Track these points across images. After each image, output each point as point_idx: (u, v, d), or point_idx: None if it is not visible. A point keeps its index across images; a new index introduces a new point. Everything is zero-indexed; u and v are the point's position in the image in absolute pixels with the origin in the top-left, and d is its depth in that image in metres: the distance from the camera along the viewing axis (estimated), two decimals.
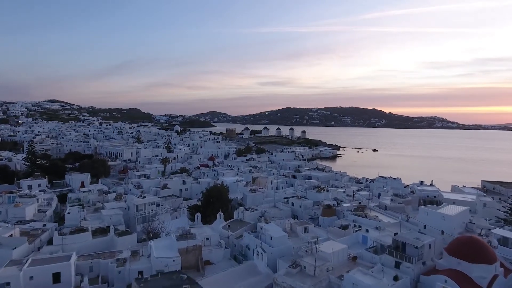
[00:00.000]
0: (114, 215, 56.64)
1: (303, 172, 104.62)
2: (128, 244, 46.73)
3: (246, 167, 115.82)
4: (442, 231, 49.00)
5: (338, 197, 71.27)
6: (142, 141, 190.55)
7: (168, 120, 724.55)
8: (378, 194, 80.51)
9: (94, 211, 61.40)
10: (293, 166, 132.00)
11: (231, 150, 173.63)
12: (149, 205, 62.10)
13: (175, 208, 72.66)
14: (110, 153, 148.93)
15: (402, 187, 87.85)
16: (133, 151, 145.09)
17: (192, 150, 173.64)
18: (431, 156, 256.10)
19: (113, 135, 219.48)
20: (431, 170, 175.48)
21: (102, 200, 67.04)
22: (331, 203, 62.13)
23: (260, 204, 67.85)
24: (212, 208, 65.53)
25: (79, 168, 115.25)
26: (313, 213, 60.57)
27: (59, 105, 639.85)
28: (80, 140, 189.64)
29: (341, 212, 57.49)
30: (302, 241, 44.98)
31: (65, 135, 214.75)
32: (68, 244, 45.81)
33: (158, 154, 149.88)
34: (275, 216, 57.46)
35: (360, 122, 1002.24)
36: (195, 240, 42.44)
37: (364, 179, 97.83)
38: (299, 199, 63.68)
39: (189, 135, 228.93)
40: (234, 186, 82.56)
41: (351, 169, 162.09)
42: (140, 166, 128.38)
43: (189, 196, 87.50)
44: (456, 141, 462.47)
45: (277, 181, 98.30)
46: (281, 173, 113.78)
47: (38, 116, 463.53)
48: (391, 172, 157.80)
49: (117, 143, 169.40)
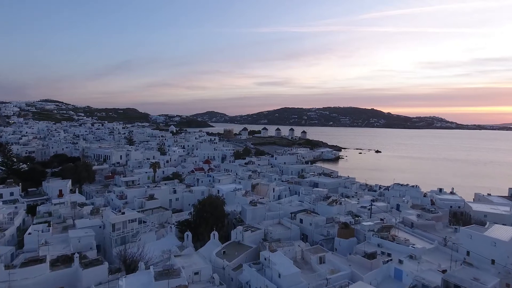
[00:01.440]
0: (84, 237, 46.09)
1: (308, 178, 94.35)
2: (97, 278, 36.63)
3: (245, 172, 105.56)
4: (492, 260, 39.05)
5: (353, 210, 61.13)
6: (134, 142, 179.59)
7: (165, 120, 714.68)
8: (396, 206, 70.37)
9: (62, 230, 50.91)
10: (296, 170, 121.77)
11: (229, 152, 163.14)
12: (129, 222, 51.59)
13: (162, 223, 62.28)
14: (98, 156, 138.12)
15: (421, 196, 77.79)
16: (122, 154, 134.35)
17: (187, 152, 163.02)
18: (438, 158, 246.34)
19: (104, 136, 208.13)
20: (442, 174, 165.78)
21: (74, 215, 56.47)
22: (348, 220, 51.98)
23: (262, 219, 57.61)
24: (205, 225, 55.28)
25: (60, 173, 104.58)
26: (326, 232, 50.33)
27: (54, 105, 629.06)
28: (68, 141, 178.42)
29: (361, 232, 47.30)
30: (319, 277, 34.77)
31: (54, 136, 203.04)
32: (18, 280, 35.44)
33: (150, 156, 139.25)
34: (281, 238, 47.18)
35: (358, 122, 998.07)
36: (179, 279, 32.10)
37: (377, 186, 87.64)
38: (309, 215, 53.36)
39: (184, 136, 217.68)
40: (231, 196, 72.23)
41: (356, 172, 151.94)
42: (130, 171, 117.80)
43: (180, 207, 77.09)
44: (459, 141, 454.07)
45: (279, 189, 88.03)
46: (283, 179, 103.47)
47: (30, 116, 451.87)
48: (399, 177, 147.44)
49: (107, 145, 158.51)
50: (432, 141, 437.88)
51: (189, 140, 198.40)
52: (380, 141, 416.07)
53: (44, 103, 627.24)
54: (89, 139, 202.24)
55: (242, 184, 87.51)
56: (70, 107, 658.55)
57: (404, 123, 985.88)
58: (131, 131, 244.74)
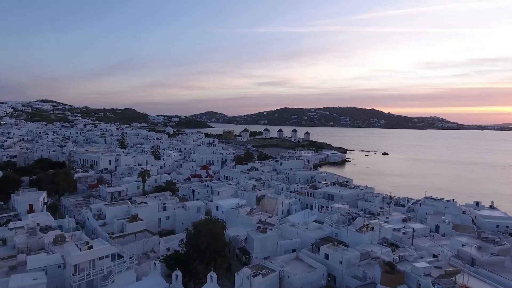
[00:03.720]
0: (30, 286, 33.22)
1: (321, 189, 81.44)
2: None
3: (248, 181, 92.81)
4: None
5: (387, 235, 48.31)
6: (126, 145, 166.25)
7: (164, 120, 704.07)
8: (435, 227, 57.64)
9: (8, 271, 38.08)
10: (304, 178, 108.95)
11: (229, 156, 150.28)
12: (99, 259, 38.69)
13: (147, 253, 49.44)
14: (84, 161, 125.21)
15: (460, 213, 64.94)
16: (111, 159, 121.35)
17: (184, 156, 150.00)
18: (451, 161, 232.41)
19: (96, 138, 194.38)
20: (464, 180, 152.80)
21: (28, 246, 43.48)
22: (388, 254, 39.17)
23: (273, 251, 44.86)
24: (201, 259, 42.49)
25: (36, 182, 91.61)
26: (361, 274, 37.56)
27: (50, 105, 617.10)
28: (56, 144, 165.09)
29: (412, 278, 34.44)
30: None
31: (42, 138, 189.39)
32: None
33: (143, 161, 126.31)
34: (303, 284, 34.41)
35: (359, 123, 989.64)
36: None
37: (405, 200, 74.57)
38: (336, 248, 40.46)
39: (181, 138, 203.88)
40: (233, 215, 59.51)
41: (367, 179, 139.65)
42: (118, 178, 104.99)
43: (171, 227, 64.31)
44: (465, 142, 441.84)
45: (289, 202, 75.29)
46: (291, 188, 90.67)
47: (23, 117, 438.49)
48: (415, 183, 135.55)
49: (96, 148, 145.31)
50: (438, 142, 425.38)
51: (186, 142, 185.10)
52: (385, 142, 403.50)
53: (40, 103, 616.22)
54: (79, 142, 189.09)
55: (245, 196, 74.77)
56: (67, 107, 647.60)
57: (405, 123, 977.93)
58: (125, 132, 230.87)
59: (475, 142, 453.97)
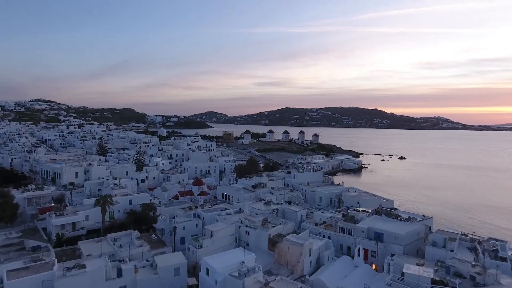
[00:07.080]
0: None
1: (362, 222, 55.49)
2: None
3: (253, 204, 67.24)
4: None
5: None
6: (107, 150, 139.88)
7: (162, 120, 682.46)
8: None
9: None
10: (327, 197, 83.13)
11: (229, 164, 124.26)
12: None
13: None
14: (46, 173, 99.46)
15: None
16: (79, 170, 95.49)
17: (174, 165, 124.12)
18: (482, 167, 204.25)
19: (75, 142, 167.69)
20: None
21: None
22: None
23: None
24: None
25: None
26: None
27: (46, 104, 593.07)
28: (26, 149, 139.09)
29: None
30: None
31: (13, 141, 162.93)
32: None
33: (121, 173, 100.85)
34: None
35: (362, 123, 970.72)
36: None
37: (502, 246, 48.57)
38: None
39: (173, 142, 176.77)
40: (237, 286, 33.73)
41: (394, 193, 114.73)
42: (85, 195, 78.44)
43: None
44: (480, 144, 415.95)
45: (318, 246, 49.43)
46: (316, 218, 64.47)
47: (12, 117, 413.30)
48: (469, 200, 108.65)
49: (67, 155, 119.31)
50: (451, 144, 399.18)
51: (178, 147, 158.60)
52: (395, 144, 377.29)
53: (35, 103, 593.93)
54: (56, 146, 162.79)
55: (255, 235, 49.30)
56: (63, 107, 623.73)
57: (409, 123, 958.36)
58: (111, 134, 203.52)
59: (491, 143, 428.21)
